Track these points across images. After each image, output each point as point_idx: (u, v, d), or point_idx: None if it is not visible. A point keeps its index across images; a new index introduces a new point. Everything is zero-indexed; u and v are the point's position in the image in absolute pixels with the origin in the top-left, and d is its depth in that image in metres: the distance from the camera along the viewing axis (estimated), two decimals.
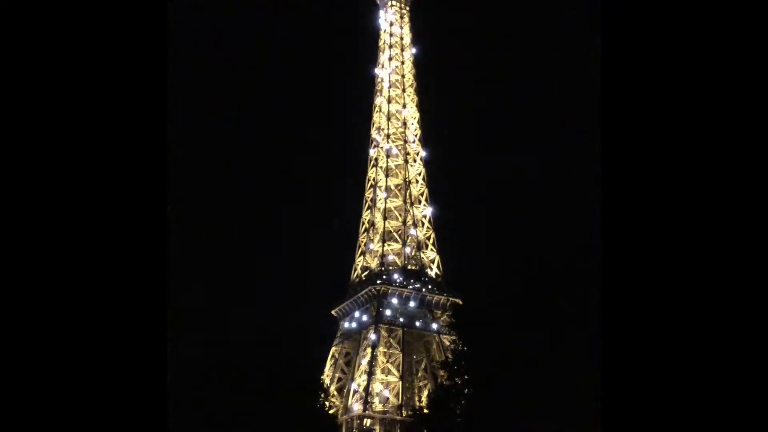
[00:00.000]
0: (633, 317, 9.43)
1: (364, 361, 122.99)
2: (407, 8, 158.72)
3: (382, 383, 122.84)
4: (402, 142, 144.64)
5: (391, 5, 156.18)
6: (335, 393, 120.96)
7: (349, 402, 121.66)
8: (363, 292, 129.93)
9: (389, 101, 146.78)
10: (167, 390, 8.84)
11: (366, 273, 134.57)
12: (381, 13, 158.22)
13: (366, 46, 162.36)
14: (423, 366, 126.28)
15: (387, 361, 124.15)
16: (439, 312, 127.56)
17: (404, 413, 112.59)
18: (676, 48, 9.78)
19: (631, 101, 9.84)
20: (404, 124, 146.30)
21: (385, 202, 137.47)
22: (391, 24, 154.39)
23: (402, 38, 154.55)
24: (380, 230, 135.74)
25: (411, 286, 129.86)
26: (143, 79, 8.70)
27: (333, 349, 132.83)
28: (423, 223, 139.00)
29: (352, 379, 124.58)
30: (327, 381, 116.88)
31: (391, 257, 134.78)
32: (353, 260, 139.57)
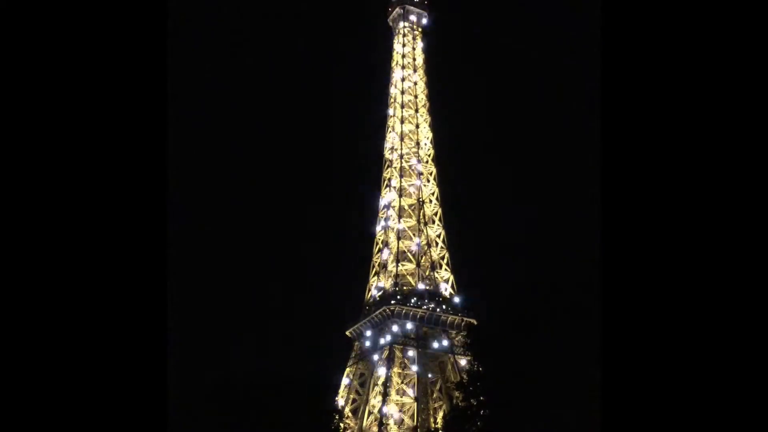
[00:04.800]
0: (633, 326, 9.35)
1: (379, 382, 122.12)
2: (420, 29, 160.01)
3: (397, 404, 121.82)
4: (415, 162, 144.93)
5: (404, 26, 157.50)
6: (350, 414, 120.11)
7: (364, 423, 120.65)
8: (377, 312, 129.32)
9: (402, 122, 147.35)
10: (168, 411, 8.71)
11: (380, 293, 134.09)
12: (394, 34, 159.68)
13: (378, 65, 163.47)
14: (438, 387, 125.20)
15: (402, 382, 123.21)
16: (454, 332, 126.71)
17: None
18: (676, 58, 9.71)
19: (631, 112, 9.79)
20: (417, 144, 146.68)
21: (399, 222, 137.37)
22: (404, 45, 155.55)
23: (414, 59, 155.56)
24: (394, 250, 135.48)
25: (425, 307, 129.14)
26: (143, 80, 8.67)
27: (347, 370, 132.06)
28: (437, 243, 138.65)
29: (367, 401, 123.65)
30: (342, 402, 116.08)
31: (405, 277, 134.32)
32: (367, 281, 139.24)
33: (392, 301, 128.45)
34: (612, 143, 9.80)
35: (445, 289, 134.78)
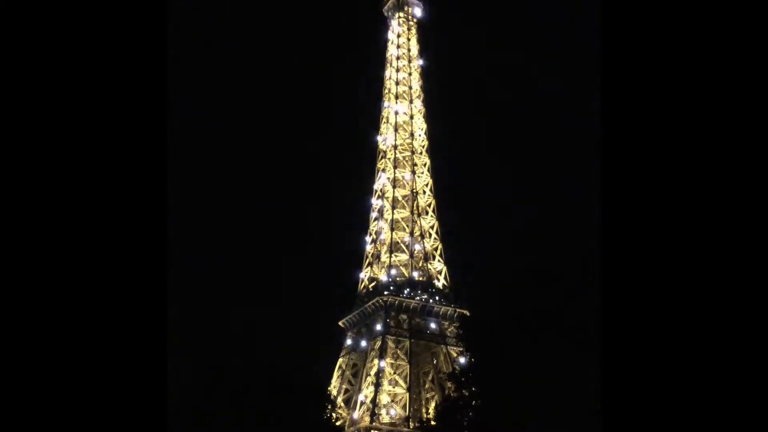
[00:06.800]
0: (633, 323, 9.37)
1: (372, 373, 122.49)
2: (414, 20, 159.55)
3: (389, 395, 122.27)
4: (409, 153, 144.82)
5: (399, 16, 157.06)
6: (342, 404, 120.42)
7: (357, 414, 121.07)
8: (370, 303, 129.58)
9: (396, 113, 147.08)
10: (167, 400, 8.72)
11: (373, 284, 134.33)
12: (388, 24, 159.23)
13: (373, 53, 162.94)
14: (430, 377, 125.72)
15: (394, 373, 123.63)
16: (447, 323, 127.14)
17: (411, 425, 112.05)
18: (677, 62, 9.72)
19: (631, 108, 9.79)
20: (411, 135, 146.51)
21: (393, 213, 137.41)
22: (399, 35, 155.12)
23: (409, 49, 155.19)
24: (387, 241, 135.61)
25: (418, 297, 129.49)
26: (143, 79, 8.64)
27: (340, 360, 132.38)
28: (430, 234, 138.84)
29: (359, 391, 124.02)
30: (334, 392, 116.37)
31: (398, 268, 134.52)
32: (360, 271, 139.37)
33: (385, 292, 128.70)
34: (612, 138, 9.80)
35: (438, 280, 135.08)
